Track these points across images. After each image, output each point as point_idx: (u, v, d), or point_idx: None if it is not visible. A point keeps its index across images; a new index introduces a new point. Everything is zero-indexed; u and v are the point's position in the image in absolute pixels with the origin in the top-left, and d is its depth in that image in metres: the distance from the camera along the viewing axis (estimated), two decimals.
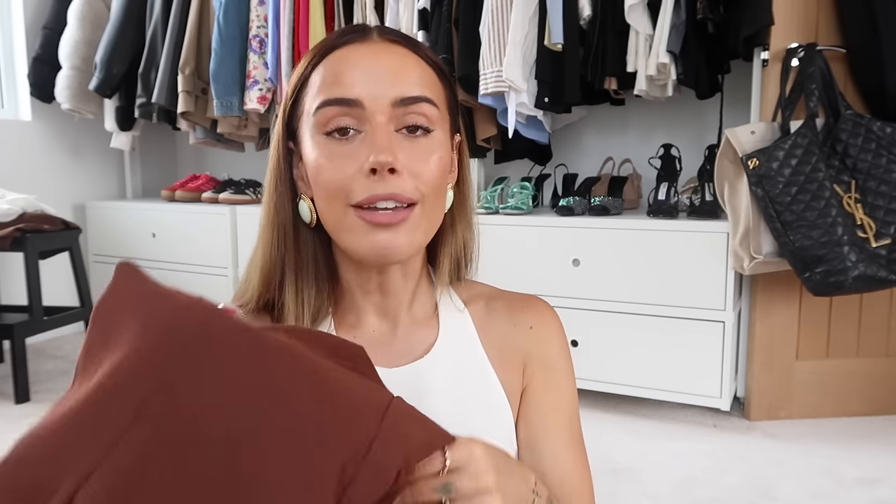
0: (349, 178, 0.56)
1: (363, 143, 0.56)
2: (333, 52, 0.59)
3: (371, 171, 0.55)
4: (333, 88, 0.57)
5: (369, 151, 0.55)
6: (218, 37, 2.41)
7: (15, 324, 2.10)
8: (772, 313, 1.87)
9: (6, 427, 1.91)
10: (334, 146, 0.57)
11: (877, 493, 1.50)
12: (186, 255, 2.69)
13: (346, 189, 0.56)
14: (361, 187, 0.55)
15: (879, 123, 1.66)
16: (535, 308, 0.70)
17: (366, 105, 0.56)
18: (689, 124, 2.30)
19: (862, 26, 1.71)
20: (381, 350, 0.63)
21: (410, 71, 0.58)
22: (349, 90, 0.56)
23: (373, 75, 0.56)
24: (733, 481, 1.55)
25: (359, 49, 0.58)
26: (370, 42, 0.59)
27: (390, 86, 0.56)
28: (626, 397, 2.03)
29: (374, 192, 0.55)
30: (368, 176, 0.55)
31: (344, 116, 0.56)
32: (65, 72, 2.68)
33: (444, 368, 0.64)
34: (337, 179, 0.56)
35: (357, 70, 0.57)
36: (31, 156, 2.80)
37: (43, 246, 2.24)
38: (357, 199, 0.56)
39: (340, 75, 0.57)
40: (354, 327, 0.65)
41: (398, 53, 0.59)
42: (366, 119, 0.56)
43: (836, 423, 1.87)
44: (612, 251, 1.93)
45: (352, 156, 0.56)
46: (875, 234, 1.63)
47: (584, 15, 1.95)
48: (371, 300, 0.65)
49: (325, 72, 0.58)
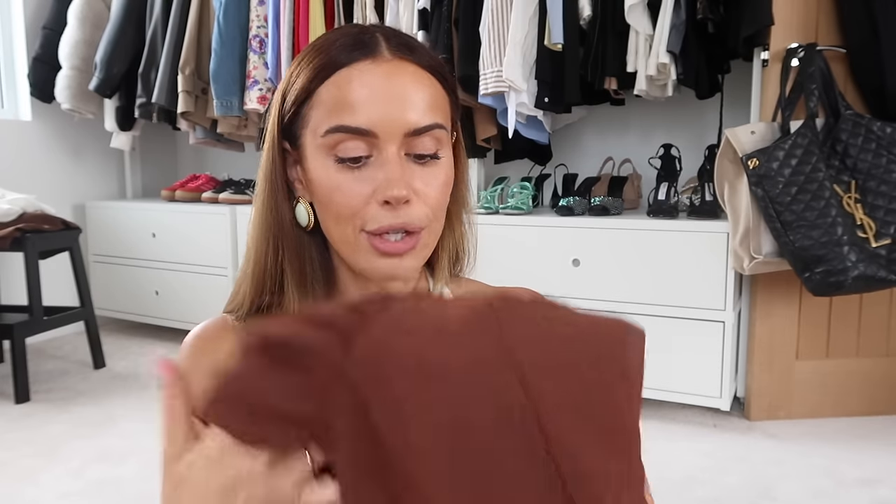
0: (361, 205, 0.57)
1: (374, 169, 0.56)
2: (342, 69, 0.57)
3: (385, 202, 0.56)
4: (345, 115, 0.56)
5: (381, 179, 0.56)
6: (218, 37, 2.41)
7: (15, 324, 2.10)
8: (772, 313, 1.87)
9: (6, 427, 1.91)
10: (346, 172, 0.57)
11: (877, 493, 1.50)
12: (186, 255, 2.69)
13: (359, 216, 0.57)
14: (374, 216, 0.56)
15: (879, 123, 1.66)
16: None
17: (379, 135, 0.56)
18: (689, 124, 2.30)
19: (862, 26, 1.71)
20: None
21: (422, 95, 0.58)
22: (362, 119, 0.55)
23: (385, 102, 0.56)
24: (733, 481, 1.55)
25: (371, 70, 0.57)
26: (381, 61, 0.57)
27: (403, 114, 0.56)
28: None
29: (388, 222, 0.56)
30: (382, 205, 0.56)
31: (355, 144, 0.56)
32: (65, 72, 2.68)
33: None
34: (350, 206, 0.57)
35: (369, 96, 0.56)
36: (31, 156, 2.80)
37: (43, 246, 2.24)
38: (370, 227, 0.57)
39: (351, 100, 0.56)
40: None
41: (409, 73, 0.58)
42: (377, 146, 0.56)
43: (836, 423, 1.87)
44: (612, 251, 1.93)
45: (364, 181, 0.56)
46: (875, 234, 1.63)
47: (584, 15, 1.95)
48: None
49: (335, 92, 0.57)
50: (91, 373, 2.39)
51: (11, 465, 1.66)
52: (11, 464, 1.67)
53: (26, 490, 1.54)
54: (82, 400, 2.12)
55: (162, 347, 2.69)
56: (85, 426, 1.90)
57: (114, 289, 2.91)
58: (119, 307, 2.91)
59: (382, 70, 0.57)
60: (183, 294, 2.71)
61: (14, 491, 1.54)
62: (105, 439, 1.81)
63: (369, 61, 0.57)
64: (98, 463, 1.67)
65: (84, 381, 2.30)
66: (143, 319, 2.85)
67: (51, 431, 1.87)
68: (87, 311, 2.41)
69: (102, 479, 1.59)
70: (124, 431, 1.87)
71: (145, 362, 2.51)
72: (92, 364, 2.44)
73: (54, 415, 1.99)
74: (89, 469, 1.64)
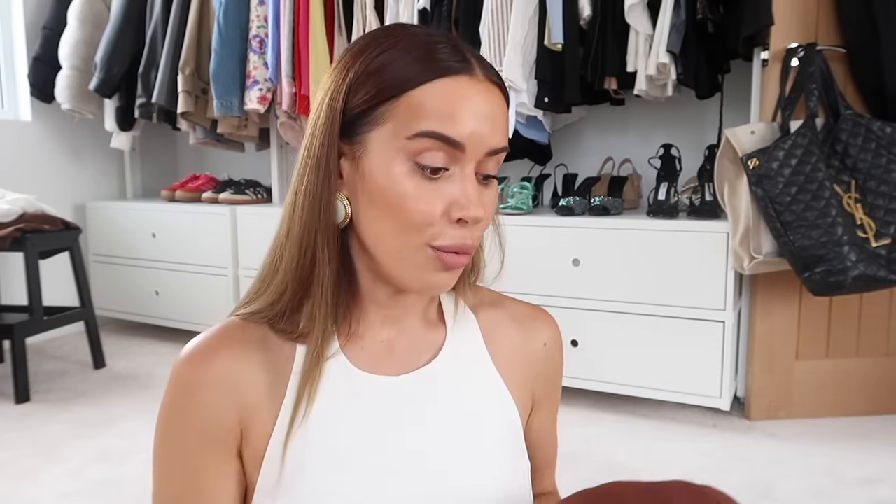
0: (435, 218, 0.55)
1: (450, 183, 0.56)
2: (445, 77, 0.55)
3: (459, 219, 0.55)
4: (446, 123, 0.54)
5: (458, 196, 0.55)
6: (218, 37, 2.41)
7: (15, 324, 2.10)
8: (772, 313, 1.87)
9: (6, 427, 1.91)
10: (422, 179, 0.55)
11: (877, 493, 1.50)
12: (186, 256, 2.69)
13: (430, 229, 0.55)
14: (445, 232, 0.56)
15: (879, 123, 1.66)
16: (546, 323, 0.72)
17: (466, 150, 0.55)
18: (689, 124, 2.31)
19: (862, 26, 1.71)
20: (389, 359, 0.63)
21: (503, 119, 0.58)
22: (459, 131, 0.54)
23: (479, 120, 0.55)
24: (733, 481, 1.55)
25: (470, 86, 0.56)
26: (477, 80, 0.56)
27: (490, 134, 0.56)
28: (626, 397, 2.03)
29: (462, 240, 0.56)
30: (454, 223, 0.56)
31: (441, 154, 0.55)
32: (65, 72, 2.68)
33: (451, 374, 0.64)
34: (425, 217, 0.55)
35: (469, 110, 0.55)
36: (31, 156, 2.80)
37: (43, 246, 2.24)
38: (441, 243, 0.56)
39: (454, 110, 0.54)
40: (363, 338, 0.63)
41: (497, 97, 0.58)
42: (459, 160, 0.56)
43: (836, 423, 1.87)
44: (612, 251, 1.93)
45: (439, 194, 0.55)
46: (875, 234, 1.63)
47: (584, 15, 1.95)
48: (381, 311, 0.63)
49: (439, 98, 0.55)
50: (91, 373, 2.39)
51: (11, 465, 1.66)
52: (11, 464, 1.67)
53: (26, 490, 1.54)
54: (82, 400, 2.12)
55: (162, 347, 2.69)
56: (85, 426, 1.90)
57: (114, 289, 2.91)
58: (119, 307, 2.91)
59: (481, 88, 0.56)
60: (183, 294, 2.71)
61: (14, 491, 1.54)
62: (105, 439, 1.81)
63: (468, 77, 0.56)
64: (98, 463, 1.67)
65: (84, 381, 2.30)
66: (143, 319, 2.85)
67: (51, 431, 1.87)
68: (87, 311, 2.41)
69: (102, 479, 1.59)
70: (124, 431, 1.87)
71: (145, 363, 2.51)
72: (92, 364, 2.44)
73: (54, 415, 1.99)
74: (89, 469, 1.64)
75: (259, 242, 2.51)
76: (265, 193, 2.78)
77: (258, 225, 2.53)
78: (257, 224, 2.53)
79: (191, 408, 0.58)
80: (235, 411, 0.58)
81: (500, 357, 0.67)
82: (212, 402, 0.57)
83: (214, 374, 0.58)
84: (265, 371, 0.59)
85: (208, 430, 0.58)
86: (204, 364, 0.58)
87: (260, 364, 0.59)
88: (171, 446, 0.60)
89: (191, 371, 0.58)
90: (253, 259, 2.54)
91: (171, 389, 0.59)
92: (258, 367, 0.59)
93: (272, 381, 0.59)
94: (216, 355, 0.59)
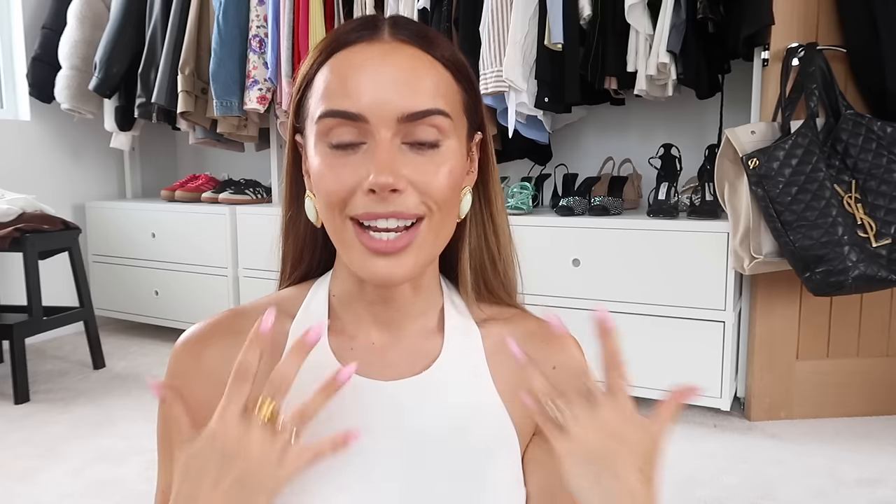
0: (347, 191, 0.53)
1: (365, 155, 0.53)
2: (341, 51, 0.54)
3: (370, 190, 0.52)
4: (336, 98, 0.53)
5: (370, 166, 0.52)
6: (218, 37, 2.41)
7: (15, 324, 2.10)
8: (772, 313, 1.87)
9: (6, 427, 1.91)
10: (336, 157, 0.53)
11: (877, 493, 1.50)
12: (186, 256, 2.68)
13: (344, 201, 0.53)
14: (360, 202, 0.53)
15: (880, 123, 1.66)
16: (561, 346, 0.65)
17: (370, 120, 0.52)
18: (689, 124, 2.30)
19: (862, 26, 1.70)
20: (379, 363, 0.60)
21: (421, 78, 0.53)
22: (353, 103, 0.52)
23: (379, 84, 0.52)
24: (733, 481, 1.55)
25: (366, 50, 0.53)
26: (380, 42, 0.54)
27: (397, 98, 0.52)
28: None
29: (372, 209, 0.52)
30: (367, 194, 0.52)
31: (346, 129, 0.53)
32: (64, 72, 2.68)
33: (444, 387, 0.60)
34: (335, 191, 0.53)
35: (362, 77, 0.52)
36: (30, 156, 2.80)
37: (43, 246, 2.24)
38: (354, 212, 0.53)
39: (345, 83, 0.53)
40: (353, 338, 0.61)
41: (409, 56, 0.54)
42: (369, 132, 0.52)
43: (836, 423, 1.87)
44: (612, 251, 1.93)
45: (353, 167, 0.53)
46: (875, 234, 1.62)
47: (584, 15, 1.95)
48: (372, 310, 0.61)
49: (329, 76, 0.54)
50: (91, 373, 2.39)
51: (11, 466, 1.66)
52: (11, 464, 1.67)
53: (26, 490, 1.54)
54: (82, 400, 2.11)
55: (162, 347, 2.69)
56: (85, 426, 1.90)
57: (113, 289, 2.91)
58: (118, 307, 2.91)
59: (378, 51, 0.53)
60: (182, 294, 2.71)
61: (14, 491, 1.54)
62: (105, 439, 1.81)
63: (366, 43, 0.54)
64: (98, 463, 1.67)
65: (84, 381, 2.30)
66: (143, 319, 2.85)
67: (50, 431, 1.87)
68: (87, 311, 2.41)
69: (102, 479, 1.58)
70: (124, 431, 1.87)
71: (145, 363, 2.51)
72: (91, 364, 2.44)
73: (54, 415, 1.99)
74: (89, 469, 1.64)
75: (259, 242, 2.51)
76: (265, 193, 2.77)
77: (258, 225, 2.53)
78: (257, 224, 2.53)
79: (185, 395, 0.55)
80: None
81: (502, 376, 0.62)
82: (202, 393, 0.56)
83: (204, 364, 0.58)
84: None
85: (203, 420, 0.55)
86: (195, 353, 0.59)
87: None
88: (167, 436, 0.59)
89: (183, 358, 0.59)
90: (253, 259, 2.54)
91: (167, 375, 0.60)
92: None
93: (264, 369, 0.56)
94: (207, 346, 0.59)
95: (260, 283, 2.50)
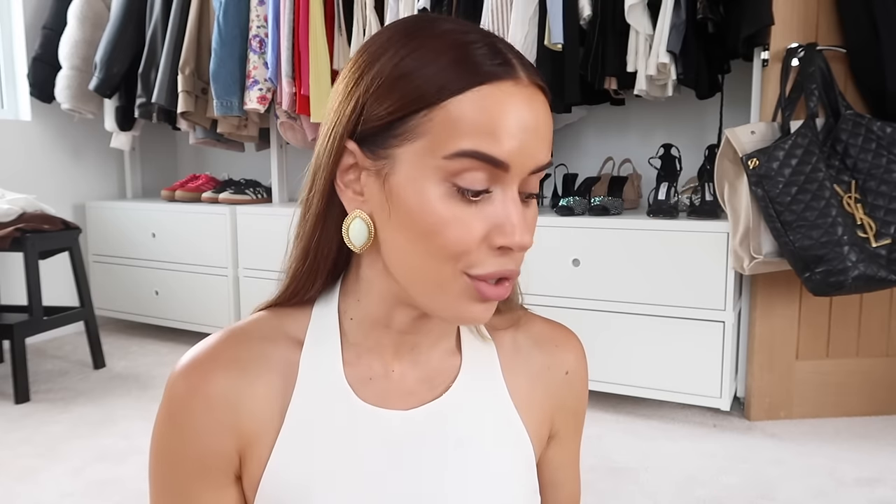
0: (475, 245, 0.48)
1: (491, 206, 0.49)
2: (486, 84, 0.47)
3: (501, 247, 0.49)
4: (488, 140, 0.47)
5: (500, 220, 0.48)
6: (218, 37, 2.41)
7: (15, 324, 2.10)
8: (772, 313, 1.87)
9: (6, 427, 1.91)
10: (464, 204, 0.48)
11: (877, 493, 1.50)
12: (186, 256, 2.69)
13: (468, 257, 0.49)
14: (488, 260, 0.49)
15: (880, 123, 1.66)
16: (569, 348, 0.65)
17: (511, 169, 0.48)
18: (689, 124, 2.31)
19: (862, 27, 1.70)
20: (397, 392, 0.57)
21: (548, 130, 0.50)
22: (504, 148, 0.47)
23: (525, 134, 0.48)
24: (733, 481, 1.55)
25: (513, 93, 0.48)
26: (521, 85, 0.49)
27: (535, 149, 0.49)
28: (627, 397, 2.03)
29: (503, 267, 0.49)
30: (495, 250, 0.49)
31: (481, 174, 0.48)
32: (65, 72, 2.68)
33: (464, 407, 0.58)
34: (461, 244, 0.48)
35: (513, 124, 0.47)
36: (31, 156, 2.80)
37: (43, 246, 2.24)
38: (480, 272, 0.49)
39: (498, 125, 0.47)
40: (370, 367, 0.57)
41: (543, 104, 0.50)
42: (502, 181, 0.48)
43: (836, 423, 1.87)
44: (612, 251, 1.93)
45: (479, 218, 0.48)
46: (875, 234, 1.63)
47: (584, 15, 1.95)
48: (400, 338, 0.57)
49: (478, 110, 0.47)
50: (91, 373, 2.39)
51: (11, 465, 1.66)
52: (11, 464, 1.67)
53: (26, 489, 1.54)
54: (82, 400, 2.12)
55: (162, 347, 2.69)
56: (85, 426, 1.90)
57: (113, 289, 2.91)
58: (119, 307, 2.91)
59: (525, 96, 0.48)
60: (182, 294, 2.71)
61: (14, 491, 1.54)
62: (105, 439, 1.81)
63: (512, 83, 0.48)
64: (98, 463, 1.67)
65: (84, 381, 2.30)
66: (143, 319, 2.85)
67: (51, 431, 1.87)
68: (87, 311, 2.41)
69: (102, 479, 1.59)
70: (124, 431, 1.87)
71: (145, 363, 2.51)
72: (92, 364, 2.44)
73: (54, 415, 1.99)
74: (89, 469, 1.64)
75: (259, 242, 2.51)
76: (265, 193, 2.78)
77: (258, 225, 2.53)
78: (257, 224, 2.53)
79: (186, 429, 0.53)
80: (234, 436, 0.54)
81: (518, 387, 0.61)
82: (208, 424, 0.53)
83: (211, 392, 0.53)
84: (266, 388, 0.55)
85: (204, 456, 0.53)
86: (201, 380, 0.53)
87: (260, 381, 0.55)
88: (165, 468, 0.55)
89: (186, 386, 0.54)
90: (253, 259, 2.54)
91: (166, 403, 0.55)
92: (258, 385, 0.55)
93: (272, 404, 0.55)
94: (208, 380, 0.53)
95: (260, 283, 2.50)
